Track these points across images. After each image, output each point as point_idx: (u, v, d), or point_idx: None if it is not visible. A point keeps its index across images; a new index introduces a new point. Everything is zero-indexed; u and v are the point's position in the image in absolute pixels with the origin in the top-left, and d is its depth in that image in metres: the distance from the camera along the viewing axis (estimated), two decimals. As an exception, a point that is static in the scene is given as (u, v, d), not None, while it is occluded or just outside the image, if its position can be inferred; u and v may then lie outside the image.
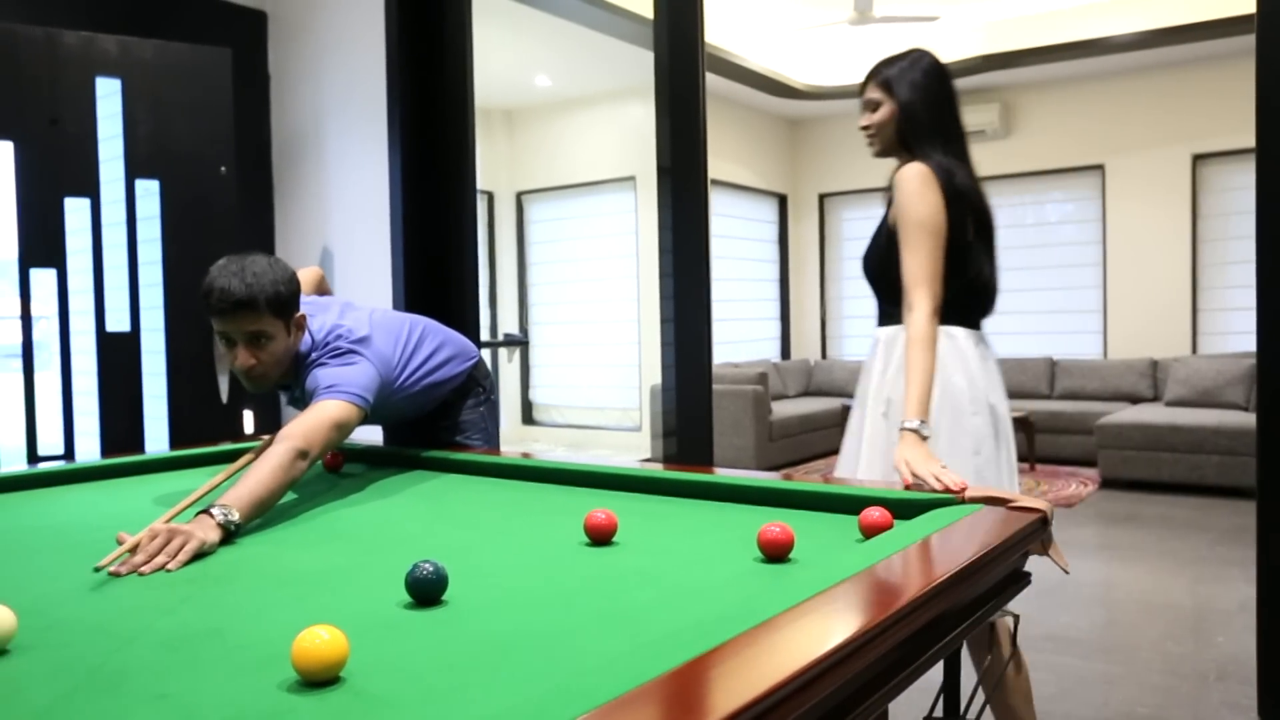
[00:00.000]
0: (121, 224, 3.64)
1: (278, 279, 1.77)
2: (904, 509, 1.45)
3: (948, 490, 1.51)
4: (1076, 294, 7.90)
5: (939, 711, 1.30)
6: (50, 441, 3.55)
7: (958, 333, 1.97)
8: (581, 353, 8.27)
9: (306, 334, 1.89)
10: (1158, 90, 7.41)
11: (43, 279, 3.52)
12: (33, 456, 3.52)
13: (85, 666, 0.90)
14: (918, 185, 1.90)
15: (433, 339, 2.18)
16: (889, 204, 2.02)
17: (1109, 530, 4.99)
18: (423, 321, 2.22)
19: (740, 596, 1.10)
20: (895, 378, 1.97)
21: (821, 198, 9.08)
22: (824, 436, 7.57)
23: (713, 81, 6.27)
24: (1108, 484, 6.21)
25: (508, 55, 6.73)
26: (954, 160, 1.99)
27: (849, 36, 7.33)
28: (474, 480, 1.96)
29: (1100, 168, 7.69)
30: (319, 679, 0.83)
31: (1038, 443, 6.91)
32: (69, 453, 3.58)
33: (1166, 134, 7.40)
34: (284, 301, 1.78)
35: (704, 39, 3.40)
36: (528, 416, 8.52)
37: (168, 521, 1.38)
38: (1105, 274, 7.71)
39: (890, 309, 2.02)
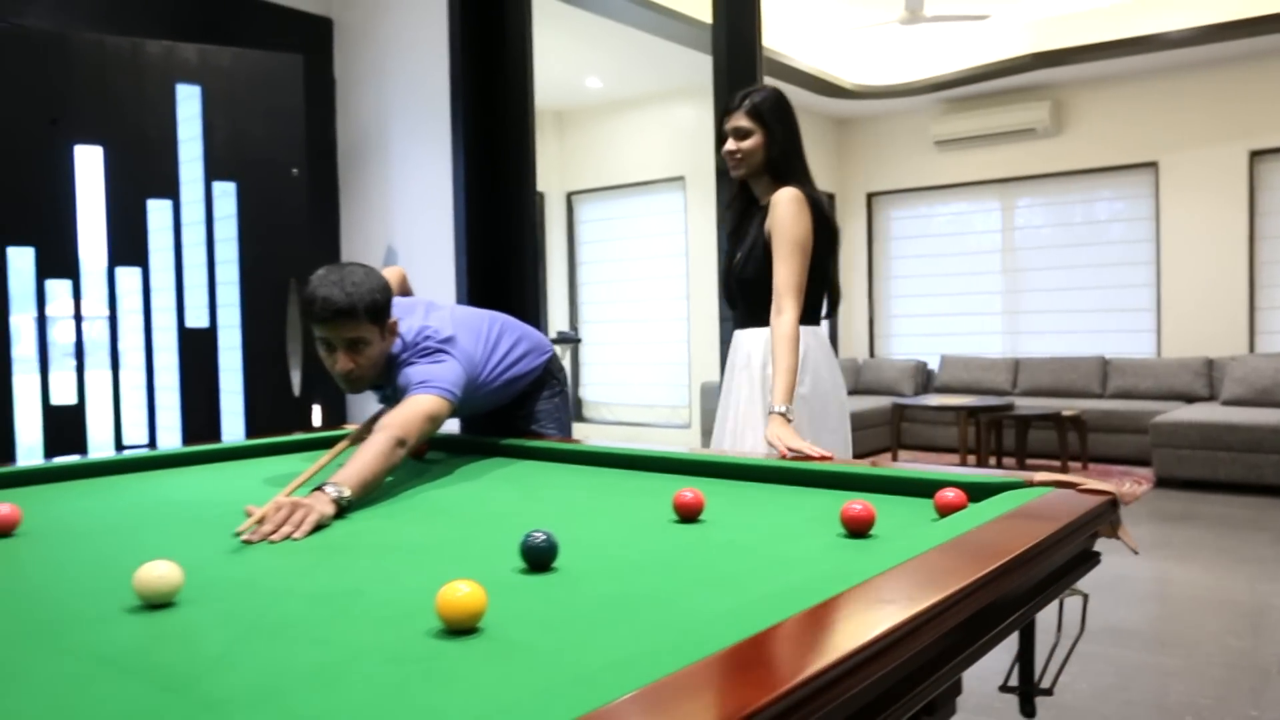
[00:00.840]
0: (200, 224, 3.80)
1: (374, 288, 1.87)
2: (977, 491, 1.51)
3: (823, 458, 1.81)
4: (1128, 292, 7.83)
5: (1014, 681, 1.36)
6: (135, 433, 3.72)
7: (820, 331, 2.34)
8: (631, 351, 8.37)
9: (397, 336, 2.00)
10: (1213, 86, 7.33)
11: (128, 277, 3.69)
12: (119, 447, 3.69)
13: (247, 618, 1.01)
14: (796, 209, 2.21)
15: (510, 335, 2.28)
16: (762, 222, 2.29)
17: (1164, 528, 4.97)
18: (500, 318, 2.31)
19: (827, 567, 1.17)
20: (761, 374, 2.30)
21: (870, 197, 9.09)
22: (874, 435, 7.59)
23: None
24: (1162, 483, 6.16)
25: (559, 57, 6.84)
26: (810, 185, 2.30)
27: (897, 35, 7.34)
28: (551, 466, 2.06)
29: (1154, 165, 7.62)
30: (462, 628, 0.93)
31: (1090, 441, 6.87)
32: (151, 443, 3.75)
33: (1222, 130, 7.32)
34: (380, 309, 1.88)
35: (761, 43, 3.47)
36: (579, 413, 8.64)
37: (288, 496, 1.49)
38: (1159, 272, 7.64)
39: (761, 313, 2.30)
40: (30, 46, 3.47)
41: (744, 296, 2.37)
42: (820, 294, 2.32)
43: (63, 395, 3.58)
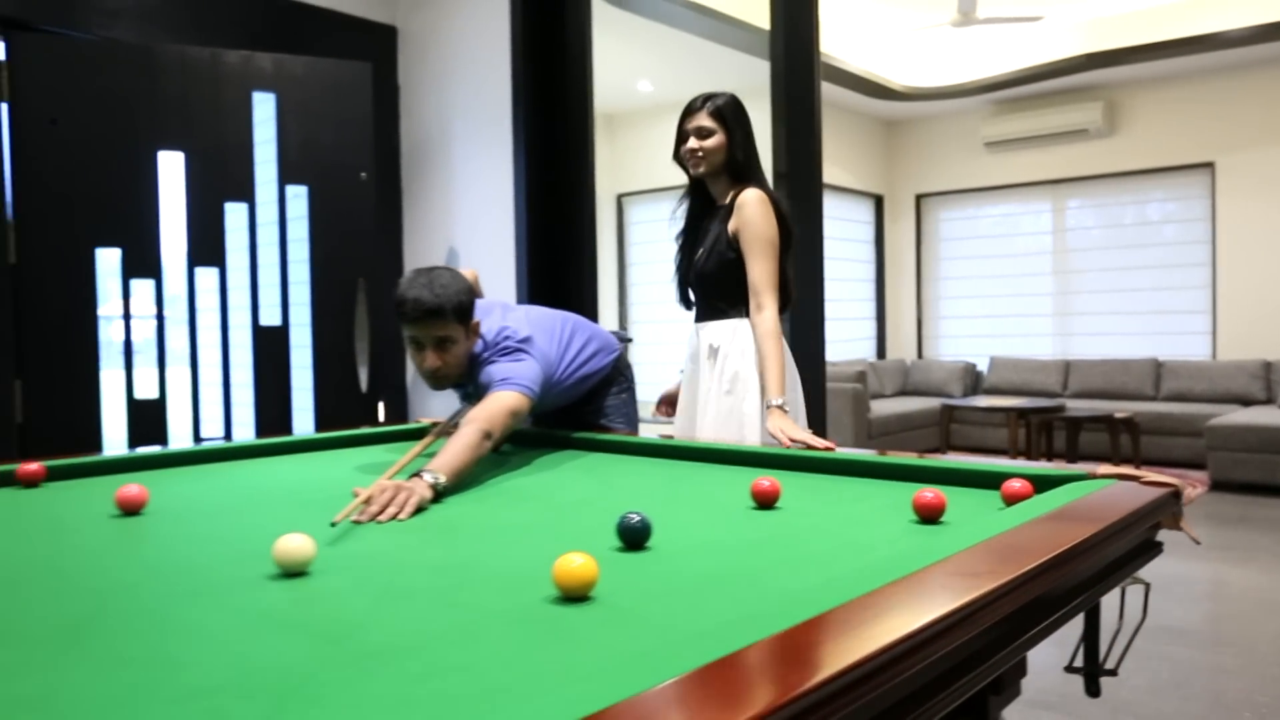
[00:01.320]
0: (274, 226, 3.95)
1: (460, 290, 1.98)
2: (1041, 483, 1.58)
3: (827, 448, 1.92)
4: (1182, 294, 7.75)
5: (1079, 662, 1.42)
6: (212, 427, 3.88)
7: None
8: (680, 351, 8.44)
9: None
10: (1271, 85, 7.23)
11: (206, 277, 3.85)
12: (197, 439, 3.85)
13: (379, 584, 1.11)
14: (763, 209, 2.33)
15: (581, 335, 2.38)
16: (727, 221, 2.38)
17: (1220, 531, 4.94)
18: (572, 319, 2.42)
19: (902, 549, 1.25)
20: (739, 360, 2.37)
21: (919, 198, 9.08)
22: (923, 435, 7.60)
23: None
24: (1218, 486, 6.11)
25: (611, 61, 6.94)
26: (767, 184, 2.42)
27: (948, 37, 7.34)
28: (622, 458, 2.15)
29: (1210, 166, 7.54)
30: (577, 595, 1.02)
31: (1143, 444, 6.82)
32: (227, 435, 3.91)
33: (1281, 130, 7.22)
34: (465, 310, 1.99)
35: (819, 49, 3.53)
36: (625, 413, 8.74)
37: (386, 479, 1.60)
38: (1214, 274, 7.55)
39: (724, 307, 2.41)
40: (119, 58, 3.65)
41: (704, 291, 2.48)
42: (781, 288, 2.39)
43: (145, 390, 3.75)
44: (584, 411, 2.46)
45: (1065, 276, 8.30)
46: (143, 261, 3.72)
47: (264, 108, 3.91)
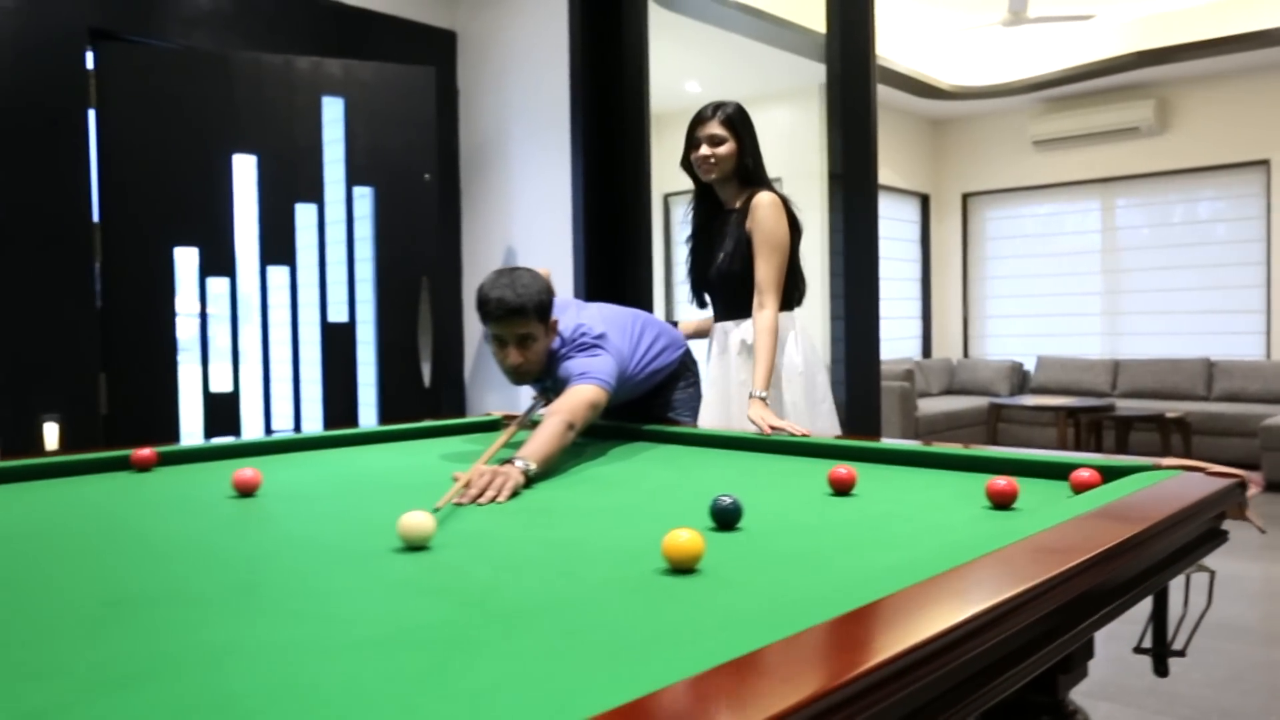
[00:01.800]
0: (342, 225, 4.09)
1: (540, 289, 2.08)
2: (1108, 474, 1.64)
3: (804, 434, 2.14)
4: (1235, 293, 7.67)
5: (1147, 642, 1.49)
6: (282, 419, 4.03)
7: (797, 314, 2.58)
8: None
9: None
10: (1329, 82, 7.14)
11: (277, 275, 4.00)
12: (268, 431, 4.00)
13: (496, 558, 1.21)
14: (776, 213, 2.47)
15: (651, 331, 2.47)
16: (743, 224, 2.51)
17: (1275, 531, 4.91)
18: (642, 316, 2.51)
19: (977, 532, 1.32)
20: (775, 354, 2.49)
21: (965, 197, 9.06)
22: (970, 434, 7.60)
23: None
24: (1273, 487, 6.05)
25: (659, 62, 7.01)
26: (774, 188, 2.55)
27: (996, 36, 7.33)
28: (693, 449, 2.23)
29: (1265, 163, 7.45)
30: (686, 566, 1.11)
31: (1195, 444, 6.77)
32: (297, 427, 4.05)
33: (1338, 127, 7.13)
34: (545, 308, 2.09)
35: (875, 54, 3.59)
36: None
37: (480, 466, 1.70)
38: (1269, 273, 7.47)
39: (746, 304, 2.51)
40: (197, 66, 3.80)
41: (731, 291, 2.58)
42: (795, 284, 2.56)
43: (220, 383, 3.91)
44: (652, 405, 2.55)
45: (1114, 276, 8.25)
46: (218, 260, 3.87)
47: (333, 111, 4.05)
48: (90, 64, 3.63)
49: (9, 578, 1.14)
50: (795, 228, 2.53)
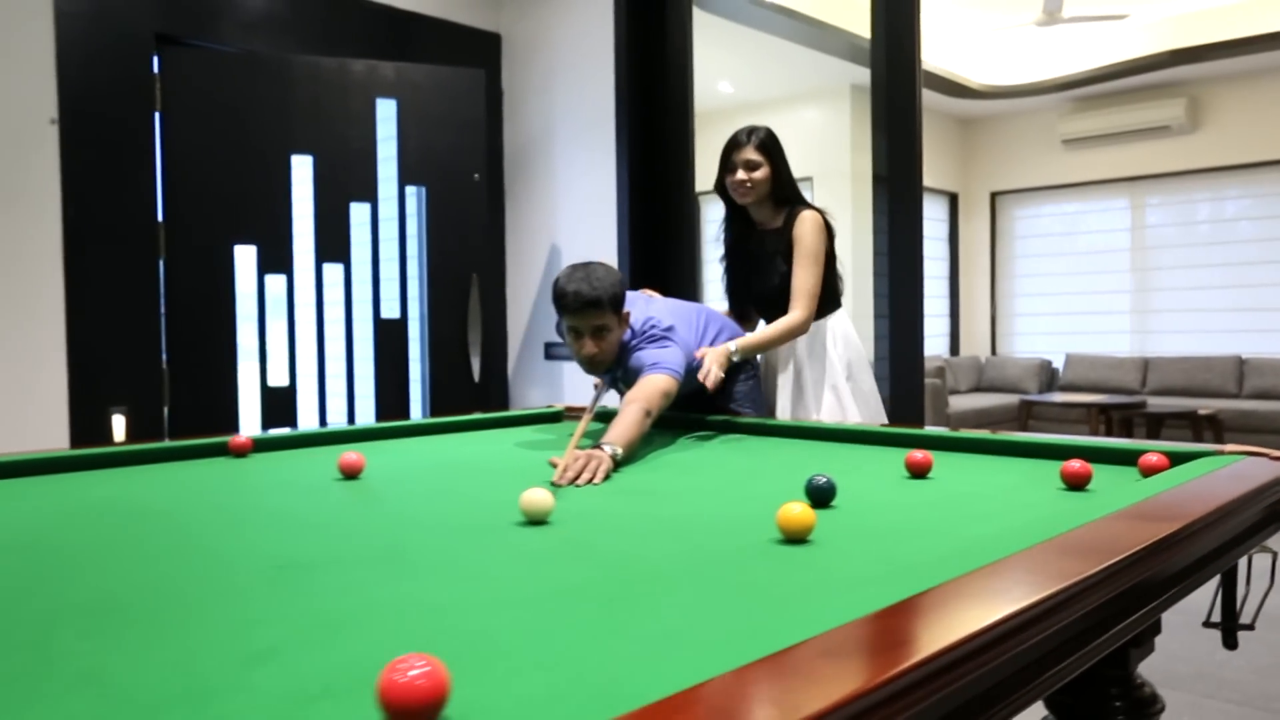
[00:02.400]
0: (394, 223, 4.20)
1: (614, 282, 2.17)
2: (1176, 458, 1.71)
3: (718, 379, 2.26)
4: (1266, 291, 7.68)
5: (1215, 617, 1.56)
6: (336, 413, 4.14)
7: (842, 314, 2.74)
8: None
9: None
10: (1362, 80, 7.15)
11: (332, 272, 4.11)
12: (323, 424, 4.12)
13: (617, 532, 1.30)
14: (817, 229, 2.62)
15: (714, 325, 2.56)
16: (780, 239, 2.64)
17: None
18: (705, 310, 2.60)
19: (1059, 509, 1.40)
20: (844, 352, 2.69)
21: (993, 196, 9.10)
22: (1002, 430, 7.65)
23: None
24: (1304, 484, 6.07)
25: (695, 63, 7.11)
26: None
27: (1028, 35, 7.38)
28: (760, 438, 2.32)
29: (1297, 161, 7.47)
30: (799, 537, 1.19)
31: (1227, 441, 6.78)
32: (350, 421, 4.16)
33: (1372, 125, 7.13)
34: (619, 300, 2.19)
35: (920, 58, 3.66)
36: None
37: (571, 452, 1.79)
38: (1301, 271, 7.48)
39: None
40: (256, 69, 3.92)
41: (776, 307, 2.66)
42: (832, 294, 2.69)
43: (277, 377, 4.02)
44: (714, 397, 2.64)
45: (1143, 274, 8.27)
46: (276, 258, 3.98)
47: (385, 112, 4.16)
48: (155, 68, 3.75)
49: (180, 546, 1.24)
50: (831, 237, 2.68)
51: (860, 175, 8.01)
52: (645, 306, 2.39)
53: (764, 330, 2.59)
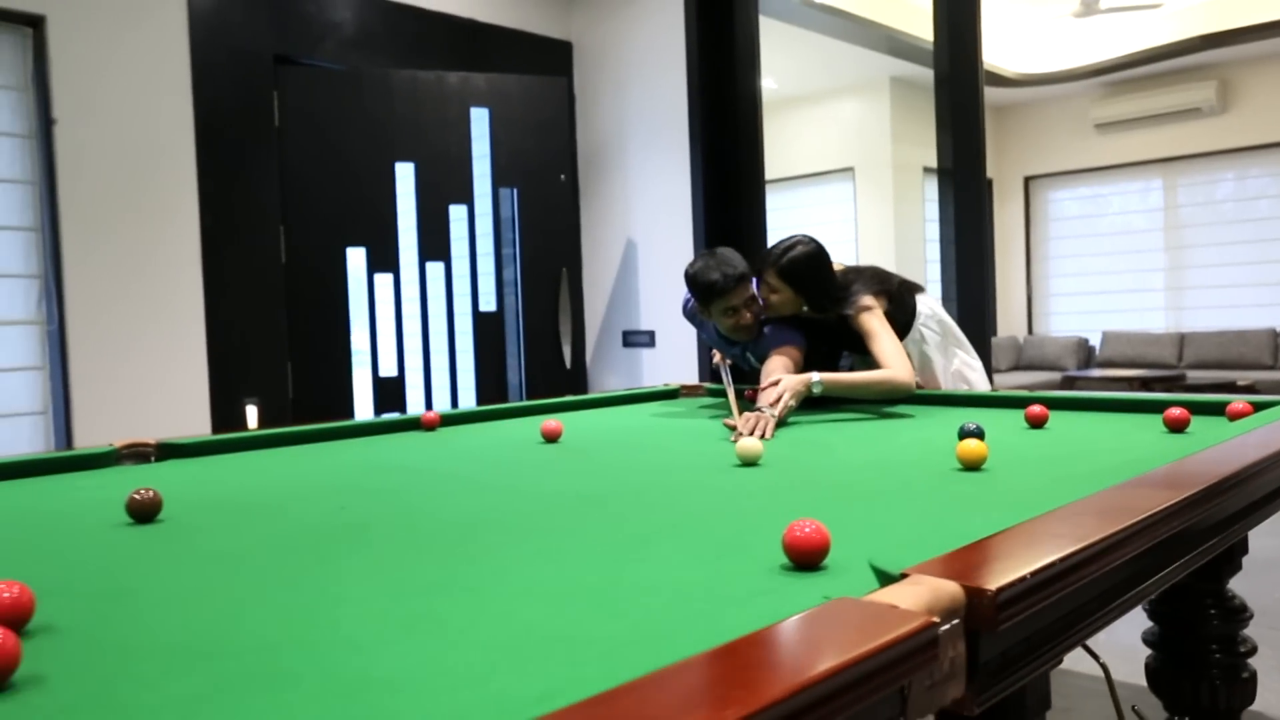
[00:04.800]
0: (489, 222, 4.52)
1: (742, 260, 2.49)
2: (1258, 407, 2.01)
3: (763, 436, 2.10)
4: (1299, 265, 7.92)
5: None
6: (440, 400, 4.48)
7: (927, 298, 2.72)
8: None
9: None
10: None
11: (434, 270, 4.45)
12: (428, 407, 4.45)
13: (821, 469, 1.62)
14: (878, 318, 2.47)
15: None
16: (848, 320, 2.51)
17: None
18: None
19: (1167, 447, 1.70)
20: (944, 335, 2.72)
21: (1027, 180, 9.35)
22: (1040, 408, 7.91)
23: (921, 73, 6.73)
24: (1342, 450, 6.32)
25: (741, 62, 7.40)
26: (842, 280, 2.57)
27: (1061, 24, 7.62)
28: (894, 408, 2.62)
29: (1326, 139, 7.69)
30: (976, 466, 1.50)
31: (1264, 412, 7.04)
32: (454, 406, 4.50)
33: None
34: (750, 275, 2.50)
35: (981, 55, 3.94)
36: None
37: (739, 415, 2.11)
38: (1333, 245, 7.70)
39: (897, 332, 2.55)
40: (362, 84, 4.25)
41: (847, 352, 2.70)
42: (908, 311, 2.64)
43: (386, 368, 4.37)
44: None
45: (1177, 252, 8.51)
46: (384, 258, 4.32)
47: (478, 118, 4.49)
48: (274, 86, 4.09)
49: (498, 485, 1.56)
50: (888, 288, 2.59)
51: (900, 165, 8.29)
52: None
53: (862, 373, 2.44)
